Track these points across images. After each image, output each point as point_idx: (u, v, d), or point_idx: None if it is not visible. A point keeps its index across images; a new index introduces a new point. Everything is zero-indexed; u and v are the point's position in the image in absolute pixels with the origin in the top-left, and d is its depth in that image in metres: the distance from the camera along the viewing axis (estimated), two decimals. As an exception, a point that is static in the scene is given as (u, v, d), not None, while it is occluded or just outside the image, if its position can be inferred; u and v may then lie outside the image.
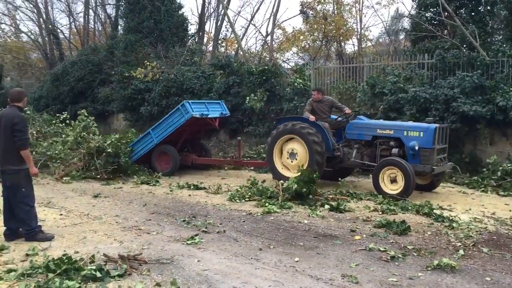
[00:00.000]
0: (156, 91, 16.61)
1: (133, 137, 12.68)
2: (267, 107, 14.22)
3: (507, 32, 14.19)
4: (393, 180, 8.71)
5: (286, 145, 10.02)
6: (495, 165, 10.10)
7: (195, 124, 11.83)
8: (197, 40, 22.33)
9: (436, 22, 14.35)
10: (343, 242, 6.06)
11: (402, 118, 11.11)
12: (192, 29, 23.30)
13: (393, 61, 13.74)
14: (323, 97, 10.42)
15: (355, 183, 10.40)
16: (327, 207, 7.87)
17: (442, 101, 10.98)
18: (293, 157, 9.83)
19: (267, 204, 8.00)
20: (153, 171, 11.88)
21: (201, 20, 22.63)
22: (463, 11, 14.00)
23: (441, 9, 12.91)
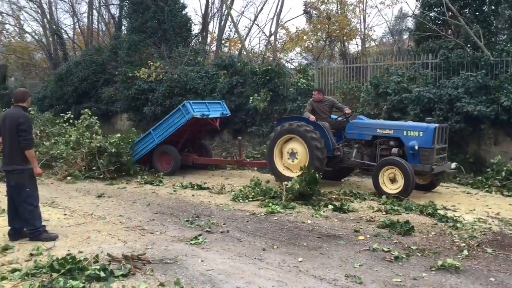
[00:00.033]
0: (159, 91, 16.64)
1: (134, 137, 12.74)
2: (271, 107, 14.22)
3: (511, 31, 14.15)
4: (393, 179, 8.73)
5: (286, 145, 10.04)
6: (500, 165, 10.07)
7: (196, 124, 11.84)
8: (200, 40, 22.36)
9: (440, 21, 14.30)
10: (346, 242, 6.05)
11: (406, 118, 11.08)
12: (195, 29, 23.35)
13: (396, 61, 13.71)
14: (323, 97, 10.43)
15: (359, 183, 10.38)
16: (330, 207, 7.87)
17: (446, 101, 10.95)
18: (294, 156, 9.86)
19: (270, 204, 8.00)
20: (155, 171, 11.90)
21: (204, 20, 22.66)
22: (467, 10, 13.94)
23: (445, 9, 12.88)
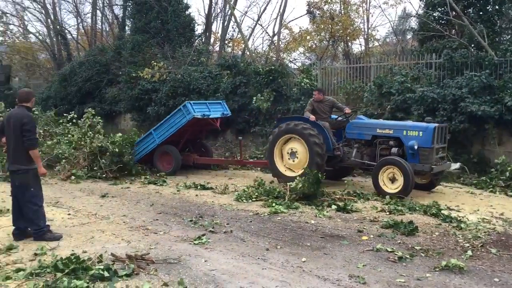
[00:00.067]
0: (163, 91, 16.65)
1: (135, 137, 12.76)
2: (274, 107, 14.21)
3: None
4: (393, 179, 8.74)
5: (286, 145, 10.07)
6: (504, 166, 10.04)
7: (196, 124, 11.86)
8: (204, 40, 22.37)
9: (443, 21, 14.26)
10: (350, 242, 6.05)
11: (409, 118, 11.05)
12: (199, 29, 23.40)
13: (400, 61, 13.67)
14: (324, 97, 10.48)
15: (362, 184, 10.36)
16: (334, 207, 7.86)
17: (450, 101, 10.92)
18: (294, 156, 9.88)
19: (274, 204, 7.99)
20: (156, 170, 11.93)
21: (208, 20, 22.66)
22: (471, 10, 13.89)
23: (449, 9, 12.83)
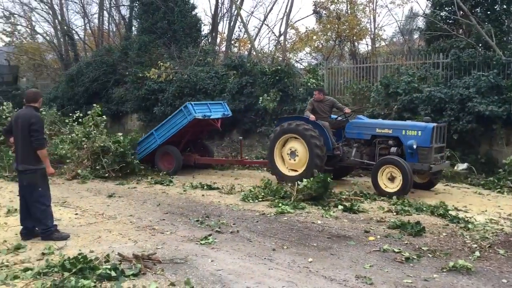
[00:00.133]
0: (169, 92, 16.69)
1: (137, 137, 12.78)
2: (280, 107, 14.20)
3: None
4: (391, 178, 8.76)
5: (286, 144, 10.10)
6: (512, 166, 9.98)
7: (197, 125, 11.92)
8: (210, 40, 22.39)
9: (451, 21, 14.17)
10: (357, 243, 6.03)
11: (416, 118, 11.00)
12: (205, 29, 23.40)
13: (407, 60, 13.61)
14: (324, 97, 10.53)
15: (369, 184, 10.28)
16: (340, 207, 7.84)
17: (457, 101, 10.86)
18: (294, 156, 9.90)
19: (280, 204, 7.99)
20: (157, 170, 11.98)
21: (214, 20, 22.68)
22: (478, 9, 13.80)
23: (456, 8, 12.76)
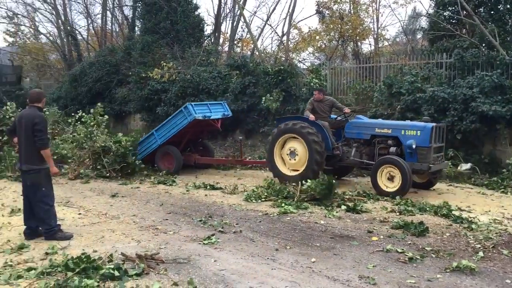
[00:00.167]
0: (172, 92, 16.71)
1: (137, 137, 12.78)
2: (283, 107, 14.20)
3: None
4: (391, 178, 8.77)
5: (286, 144, 10.10)
6: (515, 166, 9.95)
7: (197, 125, 11.95)
8: (213, 40, 22.41)
9: (454, 21, 14.15)
10: (360, 243, 6.02)
11: (419, 118, 10.96)
12: (208, 29, 23.37)
13: (410, 60, 13.59)
14: (324, 97, 10.54)
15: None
16: (343, 207, 7.83)
17: (460, 101, 10.84)
18: (293, 155, 9.91)
19: (283, 204, 7.99)
20: (158, 170, 12.00)
21: (217, 20, 22.70)
22: (482, 9, 13.77)
23: (460, 8, 12.74)
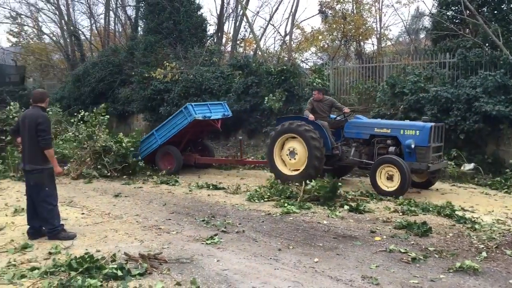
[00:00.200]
0: (175, 92, 16.73)
1: (138, 137, 12.79)
2: (286, 107, 14.19)
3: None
4: (390, 177, 8.78)
5: (286, 144, 10.12)
6: (519, 166, 9.93)
7: (197, 125, 11.97)
8: (215, 40, 22.42)
9: (457, 20, 14.11)
10: (363, 243, 6.02)
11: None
12: (211, 29, 23.44)
13: (413, 60, 13.56)
14: (323, 97, 10.56)
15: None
16: (346, 207, 7.82)
17: (464, 101, 10.81)
18: (293, 155, 9.93)
19: (286, 204, 7.99)
20: (158, 170, 12.01)
21: (219, 20, 22.71)
22: (485, 9, 13.73)
23: (463, 8, 12.70)
